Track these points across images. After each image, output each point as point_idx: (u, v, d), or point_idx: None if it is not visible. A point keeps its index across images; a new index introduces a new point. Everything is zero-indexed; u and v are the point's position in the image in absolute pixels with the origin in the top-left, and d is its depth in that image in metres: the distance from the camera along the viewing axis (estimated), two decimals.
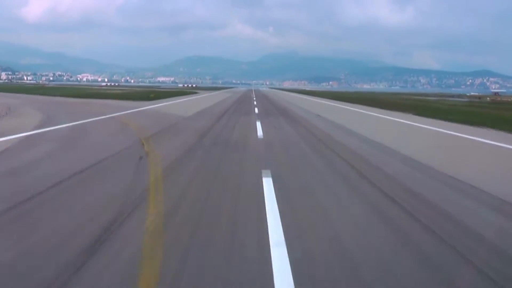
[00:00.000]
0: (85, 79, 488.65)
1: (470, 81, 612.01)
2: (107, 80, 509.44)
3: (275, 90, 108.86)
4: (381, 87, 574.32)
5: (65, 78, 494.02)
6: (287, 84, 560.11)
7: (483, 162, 7.72)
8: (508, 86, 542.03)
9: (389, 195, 4.77)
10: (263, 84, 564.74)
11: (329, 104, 31.81)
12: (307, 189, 5.15)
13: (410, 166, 6.87)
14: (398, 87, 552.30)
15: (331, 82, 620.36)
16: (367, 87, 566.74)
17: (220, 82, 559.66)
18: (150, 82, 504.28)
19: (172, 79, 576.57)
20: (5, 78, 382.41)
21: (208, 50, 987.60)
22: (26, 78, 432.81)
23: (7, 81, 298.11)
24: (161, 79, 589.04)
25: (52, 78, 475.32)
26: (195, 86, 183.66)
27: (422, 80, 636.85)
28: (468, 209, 4.45)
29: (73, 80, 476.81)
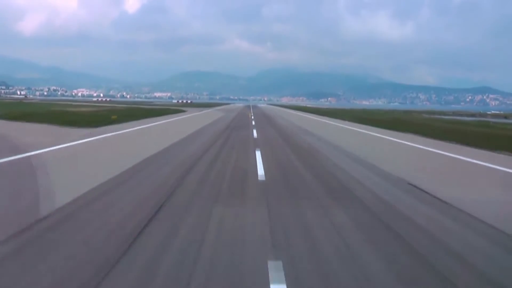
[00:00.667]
0: (80, 94, 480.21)
1: (470, 97, 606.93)
2: (102, 95, 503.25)
3: (276, 108, 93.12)
4: (380, 103, 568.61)
5: (59, 93, 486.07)
6: (285, 100, 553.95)
7: None
8: (508, 103, 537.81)
9: None
10: (261, 100, 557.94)
11: (370, 135, 22.16)
12: None
13: None
14: (397, 104, 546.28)
15: (329, 98, 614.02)
16: (366, 103, 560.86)
17: (218, 98, 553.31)
18: (146, 98, 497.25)
19: (169, 94, 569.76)
20: None
21: (206, 65, 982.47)
22: (19, 92, 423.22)
23: None
24: (158, 94, 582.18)
25: (46, 93, 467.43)
26: (190, 102, 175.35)
27: (421, 97, 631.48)
28: None
29: (67, 95, 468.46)
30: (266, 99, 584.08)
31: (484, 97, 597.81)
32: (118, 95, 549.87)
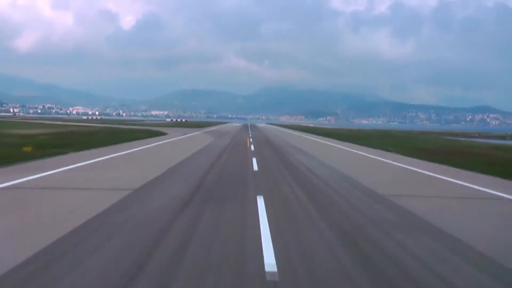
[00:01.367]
0: (74, 112, 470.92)
1: (470, 117, 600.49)
2: (98, 113, 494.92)
3: (279, 129, 76.29)
4: (379, 122, 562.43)
5: (54, 111, 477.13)
6: (283, 119, 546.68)
7: None
8: (508, 122, 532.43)
9: None
10: (258, 118, 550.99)
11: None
12: None
13: None
14: (396, 123, 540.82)
15: (328, 117, 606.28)
16: (365, 122, 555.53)
17: (215, 116, 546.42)
18: (143, 116, 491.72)
19: (165, 112, 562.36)
20: None
21: (203, 83, 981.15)
22: (12, 110, 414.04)
23: None
24: (155, 112, 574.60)
25: (39, 111, 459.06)
26: (184, 121, 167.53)
27: (420, 116, 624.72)
28: None
29: (62, 113, 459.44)
30: (264, 117, 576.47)
31: (484, 116, 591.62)
32: (114, 113, 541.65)
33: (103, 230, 5.90)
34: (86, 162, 13.87)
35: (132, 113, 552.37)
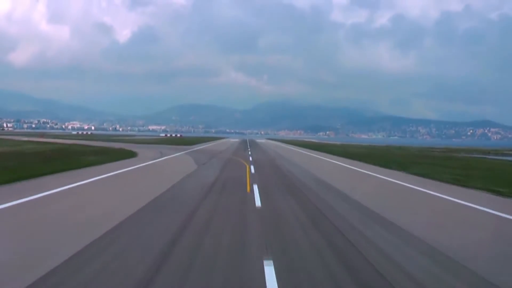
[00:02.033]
0: (70, 127, 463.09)
1: (471, 131, 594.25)
2: (93, 128, 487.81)
3: (283, 147, 65.51)
4: (379, 137, 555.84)
5: (49, 126, 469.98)
6: (282, 134, 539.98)
7: None
8: (510, 136, 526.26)
9: None
10: (257, 133, 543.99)
11: None
12: None
13: None
14: (396, 137, 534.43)
15: (328, 132, 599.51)
16: (364, 137, 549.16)
17: (213, 131, 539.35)
18: (140, 131, 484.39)
19: (163, 127, 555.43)
20: None
21: (201, 98, 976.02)
22: (5, 124, 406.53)
23: None
24: (152, 127, 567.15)
25: (34, 126, 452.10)
26: (179, 136, 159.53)
27: (421, 130, 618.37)
28: None
29: (57, 128, 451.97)
30: (262, 132, 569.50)
31: (486, 130, 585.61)
32: (111, 128, 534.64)
33: None
34: None
35: (129, 128, 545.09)
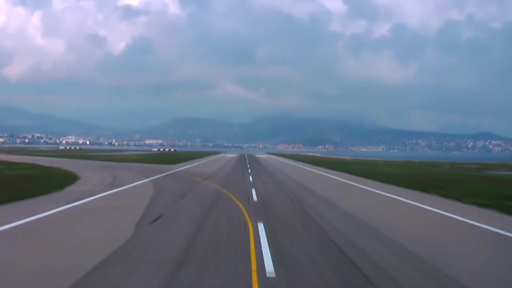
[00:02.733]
0: (64, 141, 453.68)
1: (472, 143, 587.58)
2: (88, 142, 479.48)
3: (292, 165, 55.10)
4: (379, 150, 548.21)
5: (42, 141, 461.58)
6: (281, 148, 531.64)
7: None
8: (511, 149, 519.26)
9: None
10: (255, 147, 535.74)
11: None
12: None
13: None
14: (397, 150, 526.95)
15: (327, 145, 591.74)
16: (364, 150, 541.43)
17: (211, 145, 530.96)
18: (136, 145, 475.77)
19: (160, 141, 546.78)
20: None
21: (199, 111, 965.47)
22: None
23: None
24: (149, 141, 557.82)
25: (27, 140, 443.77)
26: (173, 151, 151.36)
27: (421, 143, 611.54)
28: None
29: (51, 143, 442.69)
30: (261, 146, 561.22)
31: (486, 143, 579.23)
32: (106, 143, 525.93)
33: None
34: None
35: (124, 142, 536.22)
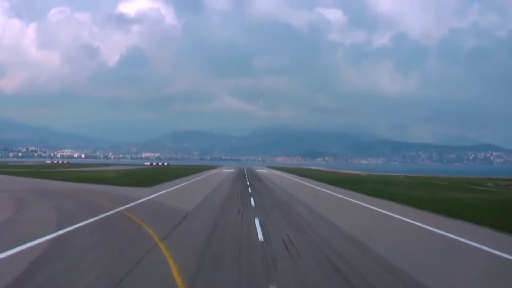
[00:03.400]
0: (59, 155, 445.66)
1: (473, 155, 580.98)
2: (84, 156, 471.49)
3: (309, 187, 40.74)
4: (379, 162, 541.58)
5: (36, 154, 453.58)
6: (280, 160, 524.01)
7: None
8: None
9: None
10: (254, 160, 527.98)
11: None
12: None
13: None
14: (397, 163, 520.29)
15: (326, 158, 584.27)
16: (364, 162, 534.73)
17: (208, 158, 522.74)
18: (133, 158, 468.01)
19: (157, 154, 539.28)
20: None
21: (196, 124, 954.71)
22: None
23: None
24: (145, 154, 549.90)
25: (20, 154, 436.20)
26: (166, 165, 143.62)
27: (421, 155, 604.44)
28: None
29: (45, 156, 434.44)
30: (259, 159, 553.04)
31: (488, 154, 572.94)
32: (102, 156, 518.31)
33: None
34: None
35: (121, 155, 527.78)
